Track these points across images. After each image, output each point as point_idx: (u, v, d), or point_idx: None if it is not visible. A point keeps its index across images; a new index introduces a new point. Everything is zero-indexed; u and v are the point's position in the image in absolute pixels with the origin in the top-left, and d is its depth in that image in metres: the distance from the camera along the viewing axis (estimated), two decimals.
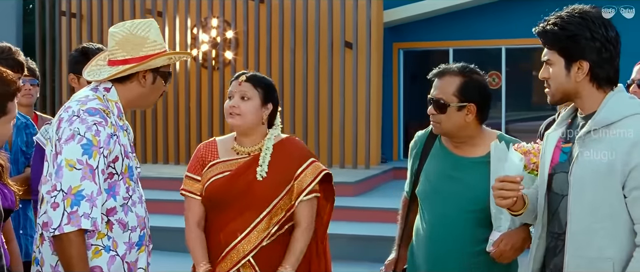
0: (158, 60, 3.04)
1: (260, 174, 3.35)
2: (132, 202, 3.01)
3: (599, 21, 2.69)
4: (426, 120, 3.35)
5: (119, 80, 3.04)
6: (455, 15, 13.75)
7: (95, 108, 2.92)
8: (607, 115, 2.65)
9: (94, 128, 2.86)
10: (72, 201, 2.79)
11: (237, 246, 3.33)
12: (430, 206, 3.32)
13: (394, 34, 13.98)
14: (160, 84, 3.12)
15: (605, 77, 2.70)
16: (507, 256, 3.13)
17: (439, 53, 14.41)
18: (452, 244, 3.23)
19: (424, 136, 3.46)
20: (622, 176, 2.59)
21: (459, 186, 3.26)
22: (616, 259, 2.61)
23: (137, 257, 3.03)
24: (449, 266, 3.24)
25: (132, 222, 2.99)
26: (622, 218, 2.61)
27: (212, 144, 3.51)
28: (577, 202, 2.68)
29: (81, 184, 2.80)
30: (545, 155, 2.87)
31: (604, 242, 2.63)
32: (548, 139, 2.90)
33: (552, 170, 2.82)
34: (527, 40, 13.57)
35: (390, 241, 3.59)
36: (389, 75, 14.08)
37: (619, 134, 2.61)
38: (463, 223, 3.21)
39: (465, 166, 3.30)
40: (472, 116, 3.24)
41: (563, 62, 2.71)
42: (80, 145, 2.83)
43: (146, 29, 3.06)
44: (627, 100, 2.71)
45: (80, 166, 2.81)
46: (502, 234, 3.13)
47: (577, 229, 2.68)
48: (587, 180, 2.64)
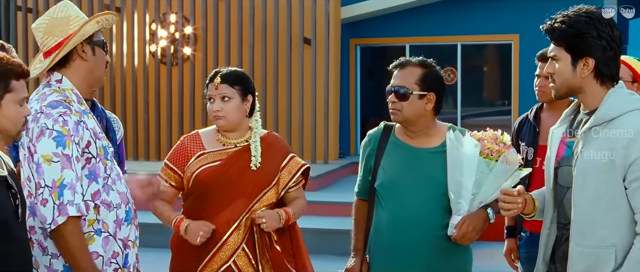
0: (87, 27, 3.08)
1: (255, 163, 3.53)
2: (111, 180, 3.07)
3: (605, 21, 2.83)
4: (383, 115, 3.51)
5: (63, 65, 3.10)
6: (411, 11, 13.90)
7: (56, 101, 2.98)
8: (608, 112, 2.79)
9: (61, 119, 2.92)
10: (58, 192, 2.87)
11: (231, 237, 3.48)
12: (392, 197, 3.45)
13: (350, 30, 14.10)
14: (101, 53, 3.17)
15: (608, 74, 2.85)
16: (470, 237, 3.30)
17: (395, 49, 14.55)
18: (416, 231, 3.38)
19: (377, 133, 3.61)
20: (622, 169, 2.73)
21: (419, 176, 3.42)
22: (618, 247, 2.76)
23: (128, 233, 3.11)
24: (414, 252, 3.39)
25: (115, 200, 3.06)
26: (623, 209, 2.75)
27: (196, 136, 3.65)
28: (580, 194, 2.82)
29: (62, 174, 2.88)
30: (551, 150, 3.03)
31: (606, 231, 2.77)
32: (553, 134, 3.06)
33: (558, 164, 2.97)
34: (482, 37, 13.84)
35: (350, 235, 3.71)
36: (346, 71, 14.21)
37: (619, 129, 2.75)
38: (425, 210, 3.37)
39: (422, 156, 3.46)
40: (431, 105, 3.44)
41: (570, 58, 2.85)
42: (52, 138, 2.90)
43: (64, 9, 3.11)
44: (626, 97, 2.86)
45: (57, 158, 2.89)
46: (463, 217, 3.30)
47: (580, 219, 2.82)
48: (589, 173, 2.78)
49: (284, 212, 3.54)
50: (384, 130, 3.60)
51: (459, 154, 3.27)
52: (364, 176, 3.62)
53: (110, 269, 3.03)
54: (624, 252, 2.75)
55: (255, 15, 12.81)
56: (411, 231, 3.38)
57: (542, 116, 4.29)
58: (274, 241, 3.55)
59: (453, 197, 3.31)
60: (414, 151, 3.50)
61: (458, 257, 3.47)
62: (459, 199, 3.29)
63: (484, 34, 13.70)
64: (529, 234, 4.25)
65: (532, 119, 4.30)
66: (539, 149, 4.14)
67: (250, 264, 3.50)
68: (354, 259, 3.60)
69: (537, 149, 4.17)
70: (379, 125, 3.66)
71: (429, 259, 3.38)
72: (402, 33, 14.11)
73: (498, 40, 13.84)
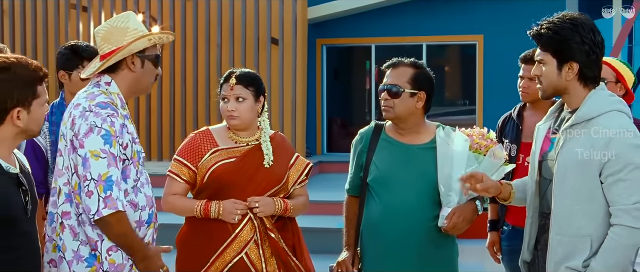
0: (138, 43, 3.27)
1: (268, 161, 3.67)
2: (140, 183, 3.26)
3: (588, 27, 3.02)
4: (348, 114, 3.69)
5: (113, 71, 3.29)
6: (377, 12, 14.03)
7: (104, 102, 3.18)
8: (588, 111, 2.99)
9: (109, 120, 3.12)
10: (105, 186, 3.06)
11: (244, 230, 3.60)
12: (385, 191, 3.61)
13: (317, 30, 14.21)
14: (150, 66, 3.36)
15: (591, 76, 3.05)
16: (460, 227, 3.48)
17: (361, 49, 14.74)
18: (408, 222, 3.54)
19: (368, 131, 3.78)
20: (599, 165, 2.93)
21: (410, 170, 3.59)
22: (593, 236, 2.96)
23: (146, 233, 3.28)
24: (405, 242, 3.55)
25: (142, 202, 3.25)
26: (599, 201, 2.95)
27: (207, 133, 3.76)
28: (560, 186, 3.02)
29: (108, 170, 3.08)
30: (536, 144, 3.22)
31: (582, 222, 2.97)
32: (538, 130, 3.26)
33: (542, 157, 3.17)
34: (447, 37, 14.03)
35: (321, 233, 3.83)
36: (312, 70, 14.31)
37: (597, 128, 2.95)
38: (416, 203, 3.53)
39: (413, 152, 3.64)
40: (421, 103, 3.62)
41: (555, 62, 3.04)
42: (101, 136, 3.09)
43: (125, 20, 3.31)
44: (606, 98, 3.05)
45: (105, 155, 3.08)
46: (453, 208, 3.48)
47: (560, 210, 3.02)
48: (569, 167, 2.98)
49: (281, 200, 3.68)
50: (375, 129, 3.76)
51: (449, 149, 3.47)
52: (355, 173, 3.76)
53: (128, 264, 3.20)
54: (599, 242, 2.95)
55: (222, 15, 12.88)
56: (403, 222, 3.54)
57: (525, 115, 4.46)
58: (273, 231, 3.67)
59: (443, 190, 3.48)
60: (405, 147, 3.66)
61: (445, 248, 3.64)
62: (449, 192, 3.46)
63: (449, 34, 13.90)
64: (511, 227, 4.42)
65: (515, 118, 4.48)
66: (522, 146, 4.31)
67: (260, 257, 3.63)
68: (346, 253, 3.74)
69: (520, 146, 4.33)
70: (370, 123, 3.82)
71: (419, 248, 3.55)
72: (367, 33, 14.25)
73: (463, 40, 14.06)
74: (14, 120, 2.74)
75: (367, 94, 14.82)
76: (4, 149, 2.76)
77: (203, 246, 3.63)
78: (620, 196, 2.90)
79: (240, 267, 3.60)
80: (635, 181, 2.90)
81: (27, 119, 2.77)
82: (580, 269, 2.96)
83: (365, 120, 14.84)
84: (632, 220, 2.88)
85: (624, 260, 2.94)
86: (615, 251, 2.91)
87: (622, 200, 2.90)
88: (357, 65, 15.47)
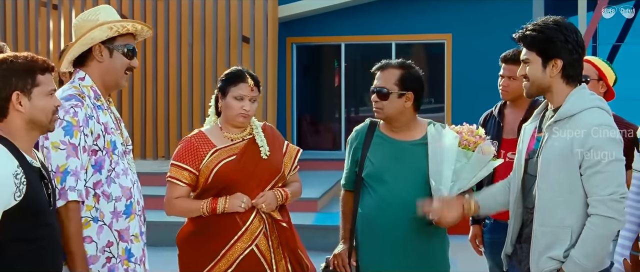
0: (97, 31, 3.29)
1: (265, 153, 3.78)
2: (115, 174, 3.29)
3: (571, 28, 3.21)
4: (317, 112, 3.83)
5: (83, 64, 3.35)
6: (346, 11, 14.15)
7: (70, 94, 3.23)
8: (570, 108, 3.17)
9: (72, 111, 3.16)
10: (61, 178, 3.11)
11: (252, 223, 3.72)
12: (379, 185, 3.77)
13: (287, 28, 14.28)
14: (119, 57, 3.37)
15: (573, 74, 3.22)
16: (447, 219, 3.58)
17: (331, 48, 14.84)
18: (401, 216, 3.69)
19: (363, 129, 3.94)
20: (579, 157, 3.10)
21: (403, 165, 3.75)
22: (574, 227, 3.14)
23: (128, 225, 3.31)
24: (397, 232, 3.71)
25: (116, 192, 3.28)
26: (579, 193, 3.13)
27: (201, 135, 3.85)
28: (544, 180, 3.19)
29: (66, 162, 3.12)
30: (523, 144, 3.39)
31: (564, 213, 3.15)
32: (525, 130, 3.42)
33: (528, 156, 3.34)
34: (416, 36, 14.18)
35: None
36: (282, 68, 14.39)
37: (578, 123, 3.13)
38: (409, 197, 3.67)
39: (405, 148, 3.80)
40: (410, 103, 3.78)
41: (540, 60, 3.22)
42: (62, 127, 3.13)
43: (96, 13, 3.36)
44: (587, 96, 3.23)
45: (64, 146, 3.12)
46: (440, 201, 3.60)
47: (543, 203, 3.20)
48: (552, 161, 3.16)
49: (281, 191, 3.80)
50: (370, 126, 3.92)
51: (440, 145, 3.62)
52: (350, 168, 3.92)
53: (103, 257, 3.24)
54: (579, 233, 3.13)
55: (194, 13, 12.93)
56: (396, 215, 3.70)
57: (506, 112, 4.64)
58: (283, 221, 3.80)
59: (434, 185, 3.63)
60: (398, 144, 3.82)
61: (437, 240, 3.81)
62: (440, 186, 3.61)
63: (418, 33, 14.06)
64: (492, 221, 4.59)
65: (496, 115, 4.66)
66: (503, 142, 4.48)
67: (269, 248, 3.75)
68: (342, 246, 3.89)
69: (501, 143, 4.48)
70: (365, 121, 3.97)
71: (411, 240, 3.71)
72: (337, 32, 14.37)
73: (431, 39, 14.22)
74: (16, 107, 2.82)
75: (336, 92, 14.95)
76: (22, 142, 2.85)
77: (210, 241, 3.72)
78: (597, 187, 3.08)
79: (251, 258, 3.72)
80: (611, 173, 3.08)
81: (29, 107, 2.83)
82: (561, 259, 3.13)
83: (335, 117, 14.98)
84: (607, 210, 3.06)
85: (601, 249, 3.12)
86: (592, 240, 3.08)
87: (598, 191, 3.08)
88: (326, 63, 15.58)
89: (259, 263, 3.73)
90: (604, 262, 3.21)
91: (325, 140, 14.86)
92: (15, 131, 2.84)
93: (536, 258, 3.21)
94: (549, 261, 3.16)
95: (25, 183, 2.74)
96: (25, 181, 2.75)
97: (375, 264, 3.77)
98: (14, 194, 2.71)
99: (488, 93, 10.32)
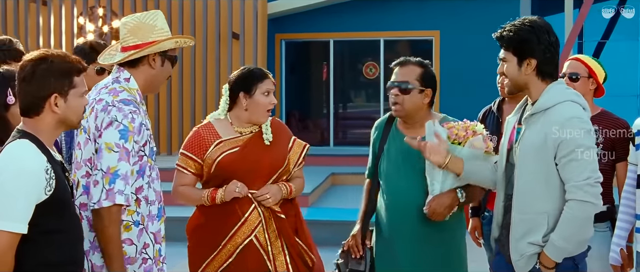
0: (166, 43, 3.41)
1: (268, 138, 3.89)
2: (151, 179, 3.39)
3: (544, 29, 3.38)
4: (306, 108, 3.93)
5: (132, 65, 3.41)
6: (335, 7, 14.28)
7: (128, 99, 3.30)
8: (545, 102, 3.34)
9: (130, 116, 3.24)
10: (110, 179, 3.17)
11: (252, 214, 3.82)
12: (388, 180, 3.91)
13: (276, 25, 14.39)
14: (168, 66, 3.49)
15: (548, 72, 3.39)
16: (438, 213, 3.72)
17: (319, 44, 14.96)
18: (410, 208, 3.82)
19: (382, 122, 4.08)
20: (554, 148, 3.27)
21: (409, 161, 3.86)
22: (550, 213, 3.31)
23: (160, 228, 3.43)
24: (404, 228, 3.85)
25: (152, 196, 3.38)
26: (554, 181, 3.30)
27: (209, 126, 3.96)
28: (521, 169, 3.36)
29: (118, 164, 3.18)
30: (505, 135, 3.57)
31: (540, 200, 3.32)
32: (508, 122, 3.59)
33: (510, 146, 3.50)
34: (404, 33, 14.30)
35: None
36: (271, 65, 14.47)
37: (552, 116, 3.30)
38: (417, 191, 3.80)
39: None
40: (428, 100, 3.90)
41: (516, 60, 3.39)
42: (118, 130, 3.20)
43: (154, 18, 3.44)
44: (561, 90, 3.39)
45: (118, 149, 3.19)
46: (433, 196, 3.74)
47: (521, 191, 3.37)
48: (529, 152, 3.33)
49: (285, 185, 3.90)
50: (388, 120, 4.05)
51: (432, 140, 3.69)
52: (372, 160, 4.07)
53: (140, 258, 3.34)
54: (555, 219, 3.30)
55: (184, 9, 13.00)
56: (400, 209, 3.85)
57: (504, 108, 4.75)
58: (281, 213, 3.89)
59: (429, 179, 3.75)
60: None
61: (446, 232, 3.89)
62: (433, 182, 3.73)
63: (406, 30, 14.17)
64: (491, 213, 4.64)
65: (495, 111, 4.78)
66: (502, 137, 4.57)
67: (266, 240, 3.84)
68: (357, 227, 4.04)
69: (500, 138, 4.59)
70: (385, 115, 4.10)
71: (417, 232, 3.82)
72: (325, 28, 14.48)
73: (419, 36, 14.36)
74: (52, 107, 2.88)
75: (325, 88, 15.06)
76: (47, 138, 2.92)
77: (215, 230, 3.83)
78: (573, 174, 3.25)
79: (251, 249, 3.82)
80: (585, 161, 3.26)
81: (64, 107, 2.90)
82: (541, 243, 3.32)
83: (323, 113, 15.08)
84: (583, 194, 3.24)
85: (579, 232, 3.29)
86: (571, 223, 3.26)
87: (574, 177, 3.25)
88: (315, 59, 15.67)
89: (258, 254, 3.83)
90: (583, 246, 3.37)
91: (314, 136, 14.89)
92: (43, 128, 2.90)
93: (515, 244, 3.38)
94: (528, 246, 3.33)
95: (54, 178, 2.82)
96: (54, 175, 2.83)
97: (389, 250, 3.90)
98: (45, 188, 2.79)
99: (476, 90, 10.45)
